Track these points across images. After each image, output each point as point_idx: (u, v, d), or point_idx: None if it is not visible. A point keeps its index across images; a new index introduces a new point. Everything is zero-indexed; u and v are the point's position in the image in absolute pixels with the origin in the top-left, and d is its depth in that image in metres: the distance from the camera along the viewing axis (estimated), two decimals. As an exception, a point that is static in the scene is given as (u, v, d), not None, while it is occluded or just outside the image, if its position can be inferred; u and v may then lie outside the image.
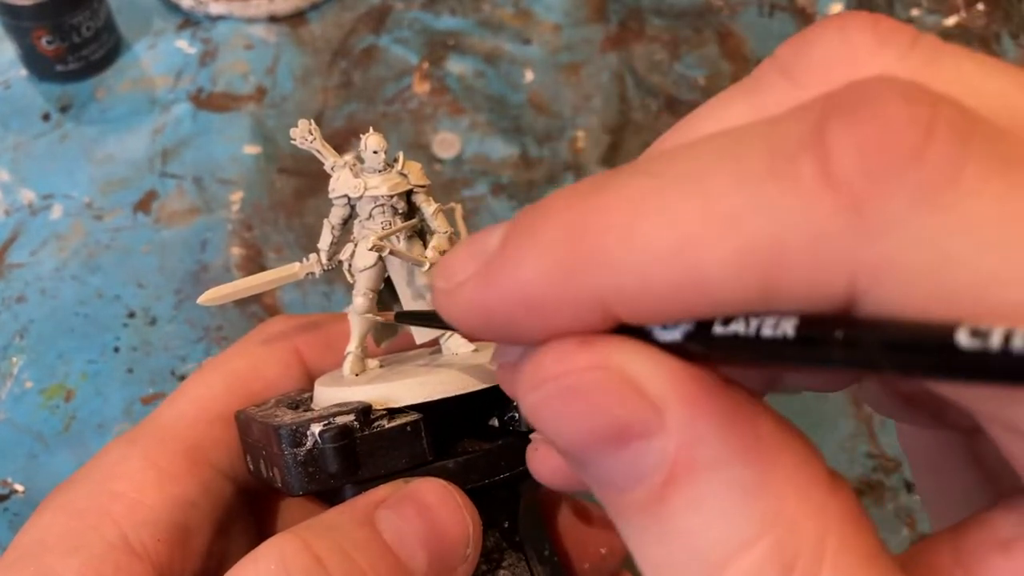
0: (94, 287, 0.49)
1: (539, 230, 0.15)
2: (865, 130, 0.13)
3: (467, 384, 0.26)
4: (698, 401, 0.15)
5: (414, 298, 0.29)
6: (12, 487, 0.43)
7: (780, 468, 0.15)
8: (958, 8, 0.60)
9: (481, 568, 0.27)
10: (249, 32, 0.59)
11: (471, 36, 0.60)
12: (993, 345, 0.11)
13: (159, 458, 0.27)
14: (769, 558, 0.14)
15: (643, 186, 0.15)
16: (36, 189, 0.53)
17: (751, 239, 0.13)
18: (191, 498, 0.27)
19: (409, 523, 0.24)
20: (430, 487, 0.25)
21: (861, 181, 0.13)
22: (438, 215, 0.29)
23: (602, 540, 0.32)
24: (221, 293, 0.29)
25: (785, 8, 0.60)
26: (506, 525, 0.27)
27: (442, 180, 0.53)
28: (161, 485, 0.26)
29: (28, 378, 0.46)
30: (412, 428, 0.25)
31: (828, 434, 0.44)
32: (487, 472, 0.26)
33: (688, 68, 0.57)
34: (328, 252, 0.29)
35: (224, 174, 0.53)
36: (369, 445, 0.25)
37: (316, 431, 0.25)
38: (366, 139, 0.28)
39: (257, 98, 0.56)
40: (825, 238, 0.13)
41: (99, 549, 0.25)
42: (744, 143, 0.14)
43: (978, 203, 0.13)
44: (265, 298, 0.49)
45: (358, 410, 0.25)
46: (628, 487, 0.15)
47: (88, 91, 0.56)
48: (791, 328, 0.13)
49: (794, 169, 0.13)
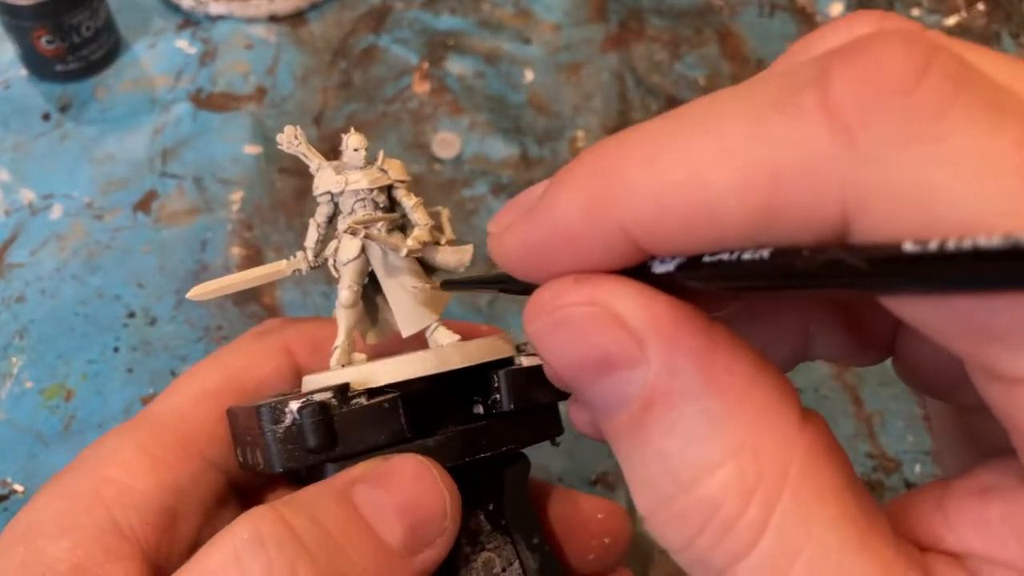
0: (94, 287, 0.49)
1: (573, 175, 0.17)
2: (864, 65, 0.14)
3: (445, 363, 0.27)
4: (676, 337, 0.16)
5: (397, 289, 0.29)
6: (12, 487, 0.43)
7: (750, 402, 0.16)
8: (958, 8, 0.60)
9: (465, 550, 0.27)
10: (249, 32, 0.59)
11: (471, 36, 0.60)
12: (931, 248, 0.13)
13: (152, 446, 0.27)
14: (732, 481, 0.16)
15: (662, 128, 0.16)
16: (36, 189, 0.53)
17: (754, 164, 0.15)
18: (181, 485, 0.27)
19: (384, 496, 0.24)
20: (406, 462, 0.25)
21: (855, 109, 0.14)
22: (418, 208, 0.29)
23: (604, 530, 0.32)
24: (210, 288, 0.30)
25: (785, 8, 0.60)
26: (491, 508, 0.28)
27: (442, 180, 0.53)
28: (152, 471, 0.27)
29: (28, 378, 0.46)
30: (390, 405, 0.26)
31: (828, 434, 0.44)
32: (467, 451, 0.26)
33: (688, 68, 0.57)
34: (314, 249, 0.30)
35: (224, 174, 0.53)
36: (347, 421, 0.25)
37: (294, 407, 0.25)
38: (347, 138, 0.29)
39: (257, 98, 0.56)
40: (819, 162, 0.14)
41: (89, 531, 0.25)
42: (756, 87, 0.16)
43: (963, 138, 0.13)
44: (265, 298, 0.49)
45: (336, 387, 0.26)
46: (614, 411, 0.17)
47: (88, 91, 0.56)
48: (767, 252, 0.15)
49: (797, 101, 0.14)
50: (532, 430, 0.28)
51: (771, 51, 0.58)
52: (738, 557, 0.16)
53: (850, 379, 0.46)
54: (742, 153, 0.15)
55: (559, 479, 0.43)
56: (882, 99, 0.14)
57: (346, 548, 0.23)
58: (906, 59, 0.14)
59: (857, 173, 0.14)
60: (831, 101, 0.14)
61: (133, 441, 0.28)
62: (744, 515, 0.16)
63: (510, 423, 0.28)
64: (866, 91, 0.14)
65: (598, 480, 0.43)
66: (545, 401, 0.28)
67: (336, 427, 0.25)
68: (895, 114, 0.14)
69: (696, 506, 0.16)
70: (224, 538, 0.23)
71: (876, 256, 0.14)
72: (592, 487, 0.43)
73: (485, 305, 0.49)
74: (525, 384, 0.27)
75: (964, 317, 0.14)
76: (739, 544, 0.16)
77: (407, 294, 0.29)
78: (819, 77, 0.14)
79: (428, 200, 0.54)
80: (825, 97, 0.14)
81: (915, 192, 0.14)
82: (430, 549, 0.25)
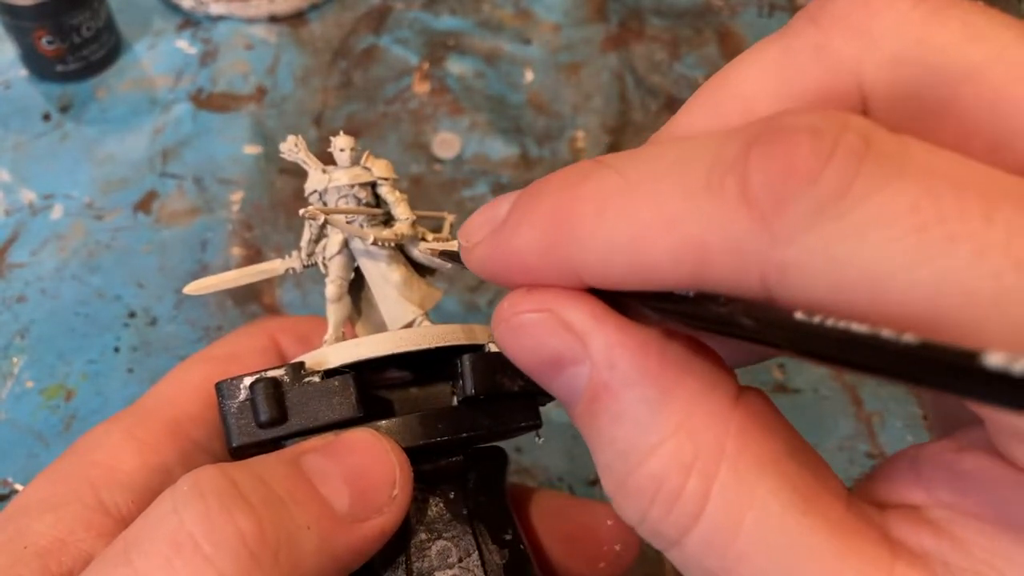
0: (94, 287, 0.49)
1: (533, 210, 0.20)
2: (775, 159, 0.16)
3: (400, 345, 0.27)
4: (613, 335, 0.19)
5: (382, 284, 0.30)
6: (12, 486, 0.43)
7: (683, 387, 0.19)
8: (958, 8, 0.60)
9: (421, 536, 0.27)
10: (249, 32, 0.59)
11: (471, 36, 0.61)
12: (815, 321, 0.15)
13: (139, 432, 0.28)
14: (671, 458, 0.18)
15: (613, 184, 0.19)
16: (37, 189, 0.53)
17: (686, 240, 0.17)
18: (168, 467, 0.28)
19: (333, 463, 0.25)
20: (358, 434, 0.26)
21: (768, 200, 0.16)
22: (400, 203, 0.30)
23: (615, 536, 0.32)
24: (206, 284, 0.31)
25: (784, 8, 0.60)
26: (451, 495, 0.28)
27: (442, 180, 0.53)
28: (139, 454, 0.27)
29: (29, 378, 0.46)
30: (341, 383, 0.26)
31: (828, 434, 0.44)
32: (422, 434, 0.26)
33: (688, 68, 0.57)
34: (307, 249, 0.31)
35: (224, 174, 0.53)
36: (299, 397, 0.26)
37: (248, 383, 0.26)
38: (335, 140, 0.30)
39: (257, 98, 0.56)
40: (741, 243, 0.17)
41: (73, 508, 0.26)
42: (691, 157, 0.18)
43: (863, 211, 0.15)
44: (264, 298, 0.49)
45: (289, 365, 0.26)
46: (572, 404, 0.20)
47: (88, 91, 0.56)
48: (692, 293, 0.18)
49: (722, 187, 0.17)
50: (500, 419, 0.28)
51: (771, 51, 0.58)
52: (687, 527, 0.18)
53: (849, 379, 0.46)
54: (678, 227, 0.17)
55: (559, 479, 0.43)
56: (791, 190, 0.16)
57: (289, 505, 0.23)
58: (812, 149, 0.16)
59: (772, 253, 0.16)
60: (749, 192, 0.16)
61: (121, 428, 0.28)
62: (685, 488, 0.18)
63: (474, 410, 0.27)
64: (777, 183, 0.16)
65: (597, 480, 0.43)
66: (514, 389, 0.27)
67: (287, 403, 0.26)
68: (803, 202, 0.16)
69: (644, 482, 0.19)
70: (165, 493, 0.23)
71: (765, 319, 0.16)
72: (592, 487, 0.43)
73: (485, 305, 0.49)
74: (490, 370, 0.27)
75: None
76: (685, 515, 0.18)
77: (392, 288, 0.30)
78: (740, 165, 0.17)
79: (428, 200, 0.54)
80: (744, 187, 0.16)
81: (824, 266, 0.16)
82: (378, 516, 0.25)
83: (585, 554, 0.32)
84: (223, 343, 0.32)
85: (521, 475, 0.43)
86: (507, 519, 0.29)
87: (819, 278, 0.16)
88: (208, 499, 0.22)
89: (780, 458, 0.18)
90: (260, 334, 0.32)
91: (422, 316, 0.29)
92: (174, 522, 0.22)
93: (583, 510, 0.33)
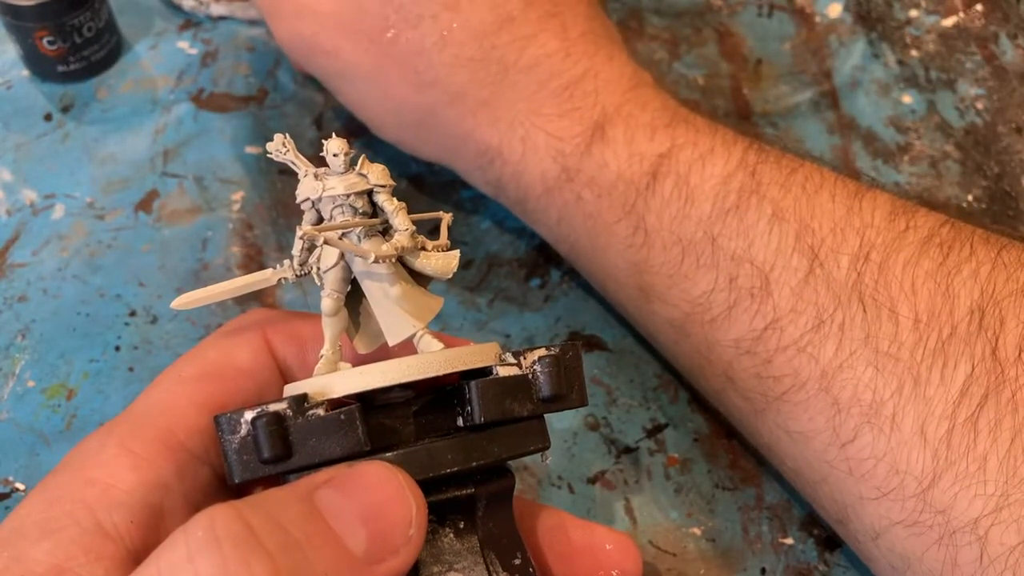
0: (95, 286, 0.49)
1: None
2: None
3: (407, 374, 0.26)
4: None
5: (380, 297, 0.29)
6: (13, 485, 0.43)
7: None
8: (957, 9, 0.60)
9: (432, 569, 0.26)
10: (250, 33, 0.59)
11: (471, 36, 0.61)
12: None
13: (133, 444, 0.27)
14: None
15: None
16: (38, 189, 0.53)
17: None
18: (165, 481, 0.27)
19: (349, 500, 0.24)
20: (372, 467, 0.25)
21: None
22: (399, 213, 0.29)
23: (614, 562, 0.32)
24: (195, 298, 0.30)
25: (784, 8, 0.60)
26: (461, 526, 0.27)
27: (442, 181, 0.53)
28: (135, 469, 0.27)
29: (30, 377, 0.46)
30: (347, 416, 0.25)
31: (826, 432, 0.44)
32: (430, 466, 0.26)
33: (687, 67, 0.58)
34: (300, 258, 0.30)
35: (225, 174, 0.53)
36: (302, 432, 0.25)
37: (249, 418, 0.25)
38: (328, 144, 0.29)
39: (259, 99, 0.56)
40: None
41: (71, 532, 0.25)
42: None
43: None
44: (267, 298, 0.49)
45: (292, 398, 0.25)
46: None
47: (90, 91, 0.56)
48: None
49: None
50: (510, 444, 0.27)
51: (769, 50, 0.58)
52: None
53: (848, 378, 0.46)
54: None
55: (559, 477, 0.43)
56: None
57: (306, 550, 0.22)
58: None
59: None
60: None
61: (114, 440, 0.27)
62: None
63: (483, 437, 0.27)
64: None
65: (597, 479, 0.44)
66: (523, 414, 0.27)
67: (291, 438, 0.25)
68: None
69: None
70: (178, 536, 0.22)
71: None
72: (591, 486, 0.43)
73: (485, 304, 0.49)
74: (499, 396, 0.26)
75: None
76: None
77: (391, 301, 0.28)
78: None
79: (428, 200, 0.54)
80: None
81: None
82: (394, 558, 0.24)
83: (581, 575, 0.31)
84: (213, 343, 0.31)
85: (521, 473, 0.43)
86: (516, 543, 0.28)
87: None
88: (224, 547, 0.21)
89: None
90: (250, 333, 0.31)
91: (423, 330, 0.28)
92: (189, 572, 0.21)
93: (584, 531, 0.32)
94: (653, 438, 0.45)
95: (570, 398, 0.29)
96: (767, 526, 0.42)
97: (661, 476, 0.44)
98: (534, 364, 0.28)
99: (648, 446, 0.44)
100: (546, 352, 0.28)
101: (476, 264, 0.50)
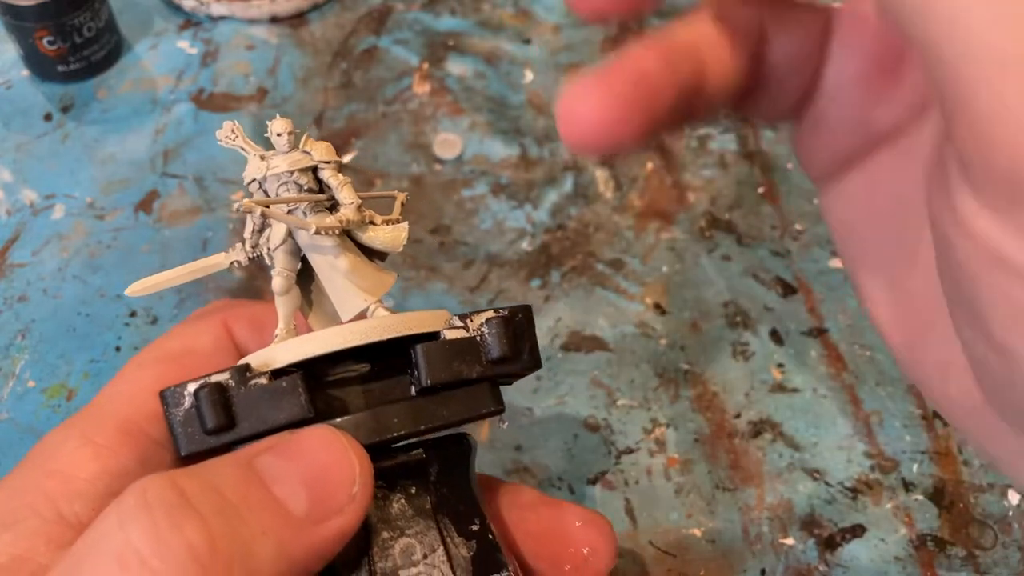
0: (96, 287, 0.49)
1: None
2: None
3: (349, 339, 0.26)
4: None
5: (329, 272, 0.28)
6: (14, 485, 0.43)
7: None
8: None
9: (383, 535, 0.26)
10: (250, 33, 0.59)
11: (471, 36, 0.61)
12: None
13: (95, 435, 0.27)
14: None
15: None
16: (38, 189, 0.53)
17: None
18: (128, 468, 0.27)
19: (289, 463, 0.24)
20: (314, 431, 0.24)
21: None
22: (344, 187, 0.28)
23: (583, 539, 0.31)
24: (148, 284, 0.30)
25: (784, 9, 0.60)
26: (413, 491, 0.26)
27: (442, 180, 0.53)
28: (96, 459, 0.26)
29: (30, 377, 0.46)
30: (288, 384, 0.25)
31: (827, 433, 0.44)
32: (376, 431, 0.25)
33: (687, 68, 0.58)
34: (252, 240, 0.30)
35: (225, 174, 0.53)
36: (246, 402, 0.25)
37: (192, 389, 0.25)
38: (272, 124, 0.29)
39: (258, 99, 0.56)
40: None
41: (33, 524, 0.25)
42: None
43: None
44: (267, 297, 0.49)
45: (234, 368, 0.25)
46: None
47: (90, 91, 0.56)
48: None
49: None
50: (460, 408, 0.27)
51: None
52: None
53: (848, 379, 0.46)
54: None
55: (559, 477, 0.43)
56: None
57: (243, 512, 0.22)
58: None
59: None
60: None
61: (76, 432, 0.27)
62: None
63: (432, 401, 0.26)
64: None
65: (597, 479, 0.44)
66: (473, 376, 0.26)
67: (235, 408, 0.25)
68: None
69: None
70: (111, 507, 0.22)
71: None
72: (591, 486, 0.43)
73: (485, 304, 0.49)
74: (446, 358, 0.26)
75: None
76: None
77: (341, 276, 0.28)
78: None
79: (428, 200, 0.54)
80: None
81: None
82: (338, 516, 0.24)
83: (551, 553, 0.30)
84: (174, 335, 0.31)
85: (521, 474, 0.43)
86: (473, 509, 0.27)
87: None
88: (155, 512, 0.21)
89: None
90: (209, 320, 0.31)
91: (375, 304, 0.28)
92: (120, 538, 0.21)
93: (553, 509, 0.31)
94: (653, 438, 0.45)
95: (521, 359, 0.28)
96: (767, 527, 0.42)
97: (661, 477, 0.44)
98: (482, 326, 0.28)
99: (648, 447, 0.44)
100: (495, 314, 0.28)
101: (476, 264, 0.50)
